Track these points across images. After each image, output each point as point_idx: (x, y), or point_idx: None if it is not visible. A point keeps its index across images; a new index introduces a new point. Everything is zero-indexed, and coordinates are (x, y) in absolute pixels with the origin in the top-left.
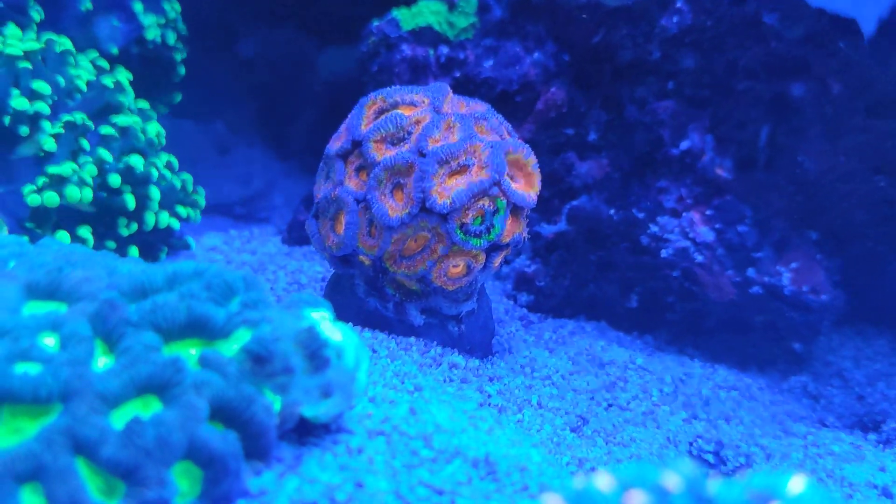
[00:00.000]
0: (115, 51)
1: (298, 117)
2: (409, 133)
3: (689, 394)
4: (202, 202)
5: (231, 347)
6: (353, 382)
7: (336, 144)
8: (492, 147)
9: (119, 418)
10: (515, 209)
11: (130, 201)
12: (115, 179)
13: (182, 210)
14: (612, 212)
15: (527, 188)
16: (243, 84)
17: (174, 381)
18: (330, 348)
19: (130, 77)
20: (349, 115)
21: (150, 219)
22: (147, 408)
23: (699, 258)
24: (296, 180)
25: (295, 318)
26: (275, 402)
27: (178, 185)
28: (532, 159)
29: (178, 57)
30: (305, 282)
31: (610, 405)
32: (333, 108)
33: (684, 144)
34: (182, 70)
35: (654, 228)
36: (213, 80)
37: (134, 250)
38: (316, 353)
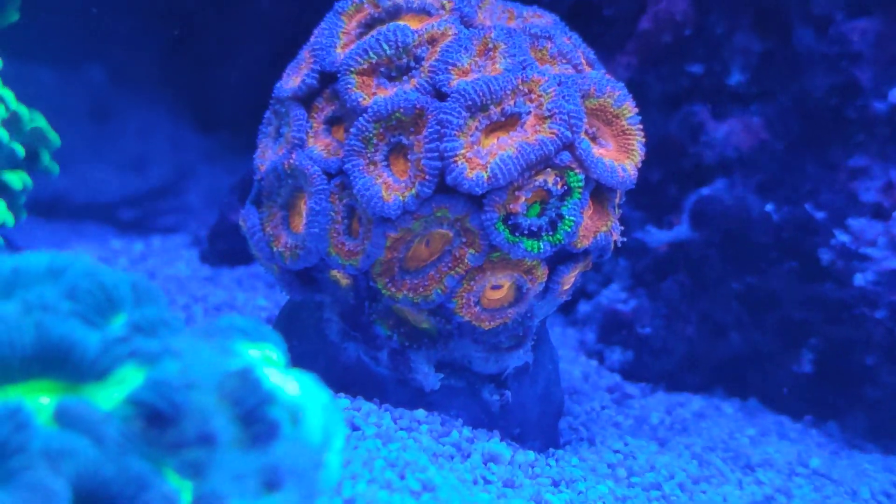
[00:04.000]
0: None
1: (231, 58)
2: (419, 59)
3: None
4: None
5: (110, 396)
6: (318, 468)
7: (293, 80)
8: (560, 84)
9: None
10: (600, 191)
11: None
12: None
13: (15, 180)
14: (769, 207)
15: (620, 156)
16: (137, 4)
17: (12, 448)
18: (279, 408)
19: None
20: (316, 31)
21: None
22: None
23: None
24: (227, 166)
25: (220, 353)
26: (182, 490)
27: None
28: (629, 108)
29: None
30: None
31: None
32: (293, 43)
33: None
34: None
35: (842, 237)
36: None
37: None
38: (255, 413)
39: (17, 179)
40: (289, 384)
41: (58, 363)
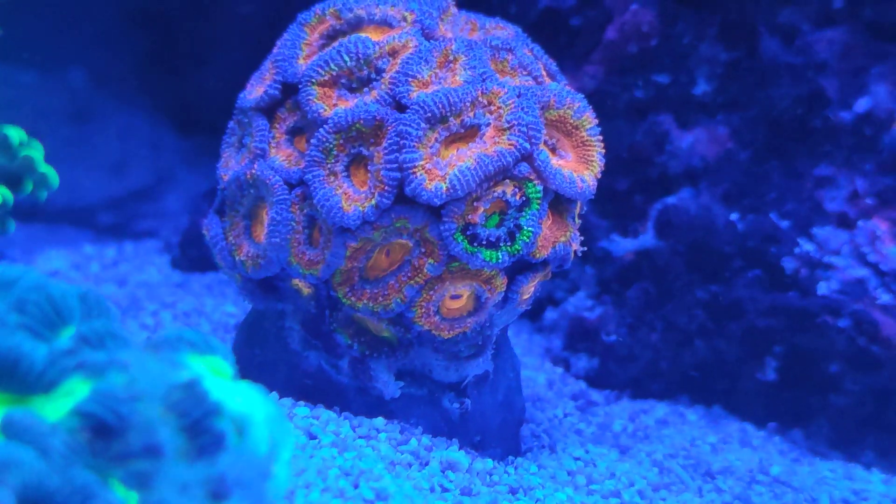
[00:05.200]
0: None
1: (211, 61)
2: (380, 71)
3: None
4: (54, 179)
5: (57, 408)
6: (264, 479)
7: (256, 90)
8: (520, 96)
9: None
10: (559, 202)
11: None
12: None
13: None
14: (734, 216)
15: (579, 167)
16: (117, 7)
17: None
18: (225, 419)
19: None
20: (279, 42)
21: None
22: None
23: (885, 298)
24: (205, 170)
25: (167, 365)
26: (128, 501)
27: None
28: (589, 119)
29: None
30: (207, 330)
31: None
32: (271, 46)
33: (862, 104)
34: None
35: (806, 246)
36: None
37: None
38: (201, 425)
39: None
40: (235, 396)
41: (5, 375)
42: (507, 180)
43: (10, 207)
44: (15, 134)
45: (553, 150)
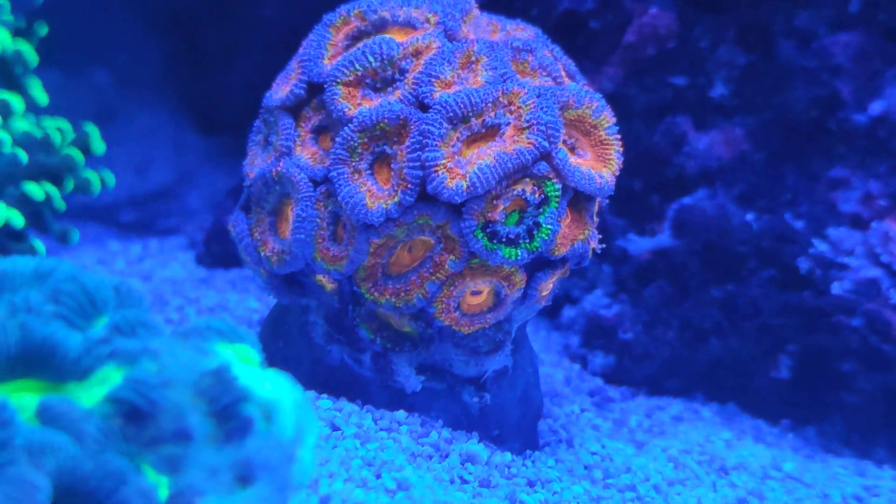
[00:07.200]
0: None
1: (234, 63)
2: (403, 71)
3: None
4: (96, 184)
5: (91, 394)
6: (290, 463)
7: (282, 90)
8: (539, 96)
9: None
10: (578, 200)
11: None
12: None
13: (36, 189)
14: (749, 217)
15: (597, 165)
16: (141, 9)
17: None
18: (253, 405)
19: None
20: (304, 42)
21: None
22: None
23: None
24: (227, 169)
25: (196, 353)
26: (159, 485)
27: (38, 136)
28: (607, 118)
29: None
30: None
31: None
32: (294, 50)
33: (877, 107)
34: None
35: (821, 246)
36: (90, 3)
37: None
38: (229, 410)
39: (39, 190)
40: (263, 382)
41: (41, 363)
42: (527, 178)
43: (54, 204)
44: (56, 134)
45: (572, 149)
